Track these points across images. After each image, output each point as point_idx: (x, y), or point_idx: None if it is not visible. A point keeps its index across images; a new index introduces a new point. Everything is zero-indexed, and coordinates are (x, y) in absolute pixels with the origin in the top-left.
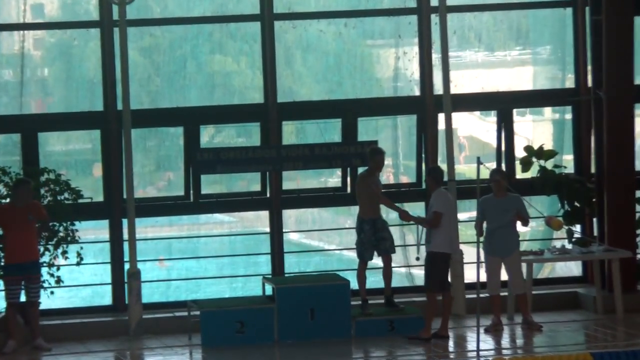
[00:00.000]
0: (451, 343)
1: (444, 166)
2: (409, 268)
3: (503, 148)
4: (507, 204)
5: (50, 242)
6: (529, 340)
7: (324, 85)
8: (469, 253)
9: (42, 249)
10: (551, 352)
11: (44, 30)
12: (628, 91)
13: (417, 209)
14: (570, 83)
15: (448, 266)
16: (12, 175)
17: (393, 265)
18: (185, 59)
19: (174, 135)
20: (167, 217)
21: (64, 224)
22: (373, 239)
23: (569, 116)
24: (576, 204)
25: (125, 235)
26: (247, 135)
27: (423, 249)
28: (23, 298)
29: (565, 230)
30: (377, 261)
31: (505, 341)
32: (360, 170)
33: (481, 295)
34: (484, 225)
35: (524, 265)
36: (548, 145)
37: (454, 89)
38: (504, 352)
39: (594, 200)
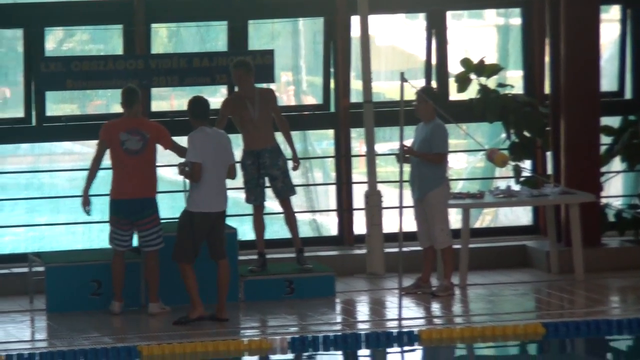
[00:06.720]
0: (367, 310)
1: (358, 84)
2: (313, 214)
3: (433, 61)
4: (429, 132)
5: None
6: (465, 306)
7: None
8: (390, 195)
9: None
10: (493, 322)
11: None
12: None
13: (324, 138)
14: None
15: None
16: None
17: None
18: None
19: (11, 39)
20: (1, 146)
21: None
22: (256, 176)
23: (517, 21)
24: (525, 133)
25: None
26: (106, 41)
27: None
28: None
29: (511, 166)
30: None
31: (436, 308)
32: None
33: (405, 250)
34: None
35: (453, 212)
36: (491, 59)
37: None
38: (435, 321)
39: (547, 128)
